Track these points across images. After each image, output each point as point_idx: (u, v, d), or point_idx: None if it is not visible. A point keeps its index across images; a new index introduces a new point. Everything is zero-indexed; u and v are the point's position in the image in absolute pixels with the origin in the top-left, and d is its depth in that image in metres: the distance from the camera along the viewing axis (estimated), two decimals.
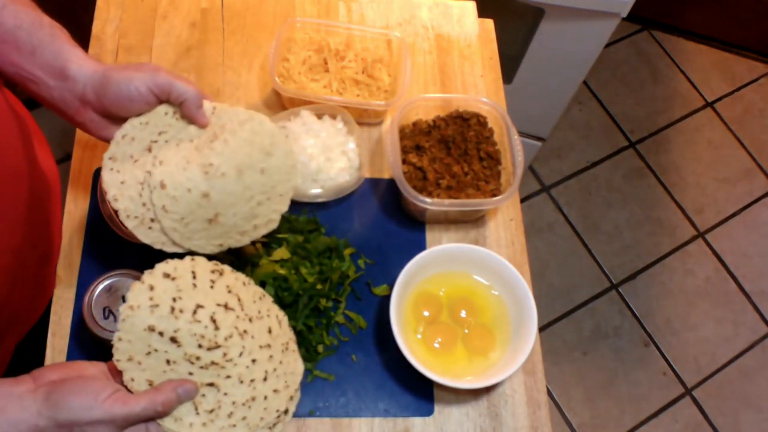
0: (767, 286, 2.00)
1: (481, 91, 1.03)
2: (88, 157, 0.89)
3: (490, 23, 1.10)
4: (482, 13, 1.10)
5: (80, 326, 0.79)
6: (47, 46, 0.66)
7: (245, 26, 1.03)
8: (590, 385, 1.81)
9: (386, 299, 0.82)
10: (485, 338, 0.83)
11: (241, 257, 0.80)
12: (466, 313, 0.84)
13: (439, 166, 0.90)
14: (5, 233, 0.67)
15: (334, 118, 0.92)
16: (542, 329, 1.85)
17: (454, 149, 0.92)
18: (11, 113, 0.71)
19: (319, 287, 0.82)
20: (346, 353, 0.83)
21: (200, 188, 0.68)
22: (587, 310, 1.91)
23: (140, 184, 0.69)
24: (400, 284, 0.80)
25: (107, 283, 0.75)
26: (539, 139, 1.75)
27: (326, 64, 0.96)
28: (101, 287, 0.75)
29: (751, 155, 2.19)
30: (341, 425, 0.79)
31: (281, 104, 0.97)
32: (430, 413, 0.81)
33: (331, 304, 0.83)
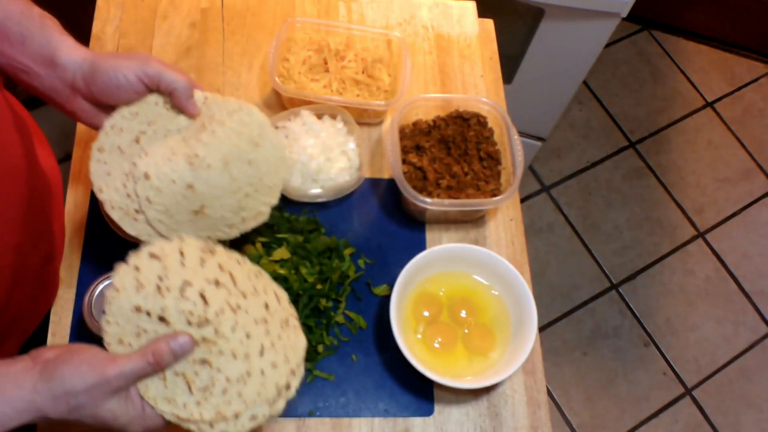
0: (767, 286, 2.00)
1: (481, 91, 1.03)
2: (88, 157, 0.88)
3: (490, 23, 1.10)
4: (482, 13, 1.10)
5: (80, 326, 0.79)
6: (37, 35, 0.66)
7: (245, 26, 1.03)
8: (590, 385, 1.81)
9: (386, 299, 0.82)
10: (485, 338, 0.83)
11: None
12: (466, 313, 0.84)
13: (439, 166, 0.90)
14: (5, 232, 0.67)
15: (334, 118, 0.92)
16: (542, 329, 1.85)
17: (454, 149, 0.92)
18: (11, 113, 0.71)
19: (319, 287, 0.82)
20: (346, 353, 0.83)
21: (185, 179, 0.67)
22: (587, 310, 1.91)
23: (126, 175, 0.68)
24: (400, 284, 0.80)
25: (107, 283, 0.75)
26: (539, 139, 1.75)
27: (326, 64, 0.96)
28: (101, 287, 0.75)
29: (751, 155, 2.19)
30: (341, 425, 0.79)
31: (281, 104, 0.97)
32: (430, 413, 0.81)
33: (331, 304, 0.83)
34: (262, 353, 0.62)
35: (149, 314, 0.60)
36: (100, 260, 0.83)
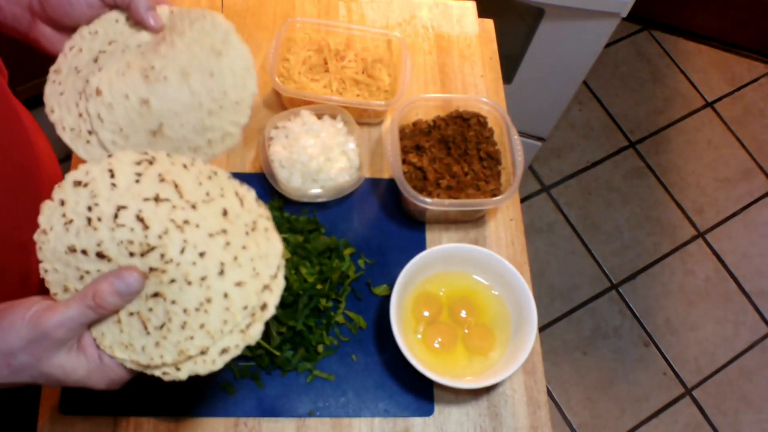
0: (767, 286, 2.00)
1: (481, 91, 1.03)
2: None
3: (490, 23, 1.10)
4: (482, 13, 1.10)
5: None
6: None
7: (245, 26, 1.03)
8: (590, 385, 1.81)
9: (386, 299, 0.82)
10: (485, 338, 0.83)
11: None
12: (466, 313, 0.84)
13: (439, 166, 0.90)
14: (14, 229, 0.67)
15: (334, 118, 0.92)
16: (542, 329, 1.85)
17: (454, 149, 0.92)
18: (12, 112, 0.71)
19: (319, 287, 0.82)
20: (346, 353, 0.83)
21: (139, 94, 0.60)
22: (587, 310, 1.91)
23: (79, 93, 0.62)
24: (400, 284, 0.80)
25: None
26: (539, 139, 1.75)
27: (326, 64, 0.96)
28: None
29: (751, 155, 2.20)
30: (341, 425, 0.79)
31: (281, 104, 0.97)
32: (430, 413, 0.81)
33: (331, 304, 0.83)
34: (222, 272, 0.53)
35: (85, 253, 0.52)
36: None
